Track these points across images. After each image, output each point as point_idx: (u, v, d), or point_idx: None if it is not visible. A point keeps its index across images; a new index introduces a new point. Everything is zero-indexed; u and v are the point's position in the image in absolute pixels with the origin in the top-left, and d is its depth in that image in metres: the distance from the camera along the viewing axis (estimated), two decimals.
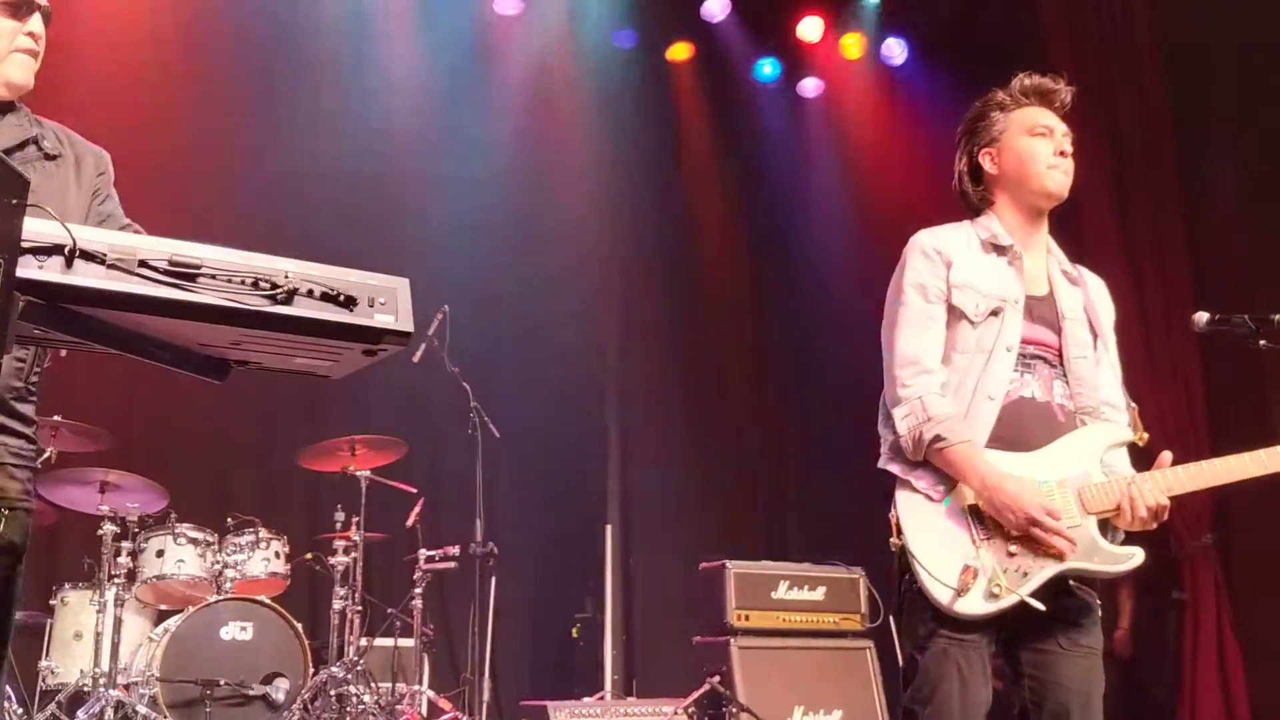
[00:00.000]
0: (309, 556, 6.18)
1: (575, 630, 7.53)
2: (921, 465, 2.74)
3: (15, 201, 1.50)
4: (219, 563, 5.70)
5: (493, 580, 5.99)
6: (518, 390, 7.58)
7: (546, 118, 8.37)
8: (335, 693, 5.57)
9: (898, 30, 8.72)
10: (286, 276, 1.67)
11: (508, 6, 8.26)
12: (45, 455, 4.98)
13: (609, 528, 7.75)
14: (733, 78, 8.85)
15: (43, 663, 5.43)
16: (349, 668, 5.68)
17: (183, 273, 1.62)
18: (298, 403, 7.01)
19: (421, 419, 7.19)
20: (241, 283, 1.64)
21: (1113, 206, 7.16)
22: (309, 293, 1.68)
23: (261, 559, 5.80)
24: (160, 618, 5.78)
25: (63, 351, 2.30)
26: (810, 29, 8.62)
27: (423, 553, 6.17)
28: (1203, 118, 7.19)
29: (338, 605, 5.93)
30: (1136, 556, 2.69)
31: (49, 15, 2.47)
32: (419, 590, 6.15)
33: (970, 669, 2.66)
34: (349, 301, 1.71)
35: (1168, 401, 6.69)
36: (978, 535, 2.68)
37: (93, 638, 5.28)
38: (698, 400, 8.63)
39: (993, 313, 2.80)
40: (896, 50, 8.75)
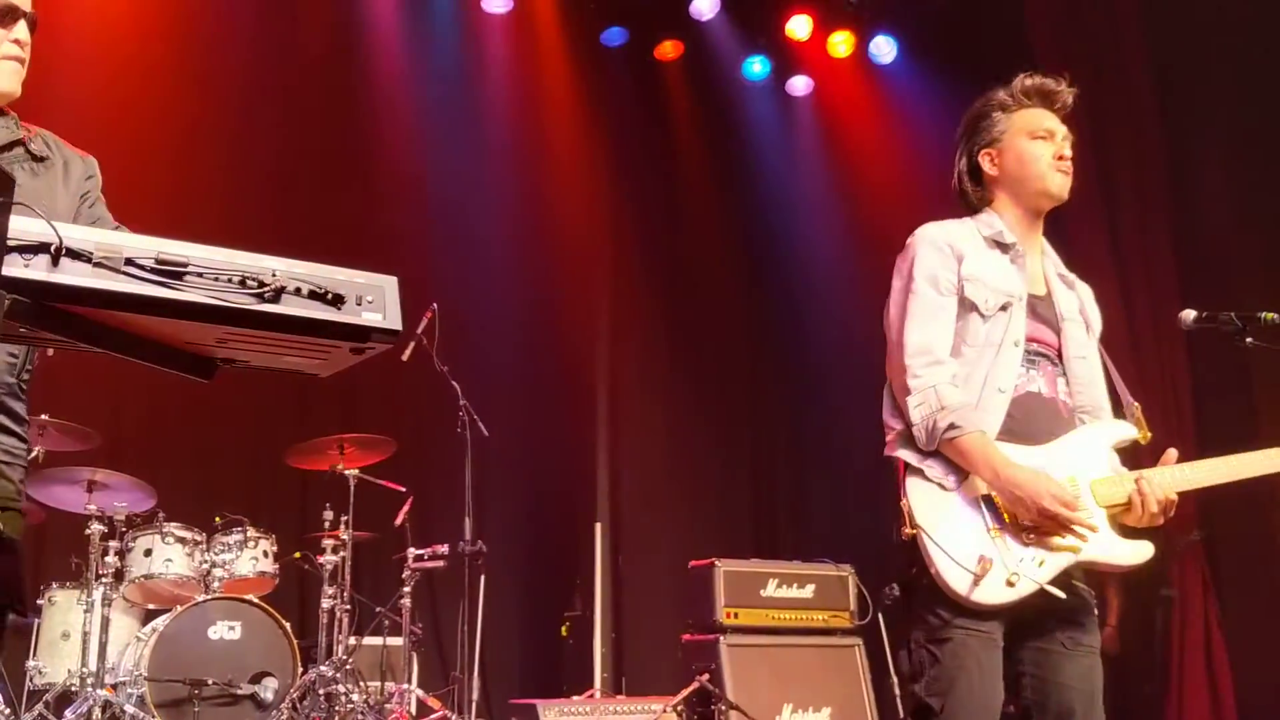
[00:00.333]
0: (297, 555, 6.17)
1: (564, 629, 7.52)
2: (934, 454, 2.73)
3: (1, 200, 1.49)
4: (207, 562, 5.69)
5: (482, 579, 5.97)
6: (507, 389, 7.58)
7: (534, 116, 8.37)
8: (324, 692, 5.56)
9: (887, 28, 8.73)
10: (274, 274, 1.67)
11: (496, 4, 8.24)
12: (33, 454, 4.96)
13: (598, 526, 7.74)
14: (722, 76, 8.85)
15: (30, 662, 5.42)
16: (338, 667, 5.67)
17: (169, 271, 1.61)
18: (286, 401, 7.00)
19: (410, 418, 7.19)
20: (228, 281, 1.64)
21: (1100, 207, 7.16)
22: (296, 291, 1.68)
23: (250, 558, 5.79)
24: (148, 617, 5.77)
25: (50, 350, 2.28)
26: (799, 27, 8.62)
27: (411, 551, 6.17)
28: (1191, 118, 7.21)
29: (326, 604, 5.92)
30: (1147, 549, 2.70)
31: (35, 22, 2.45)
32: (408, 589, 6.15)
33: (989, 660, 2.65)
34: (336, 299, 1.70)
35: (1154, 402, 6.70)
36: (991, 524, 2.67)
37: (80, 637, 5.27)
38: (688, 399, 8.63)
39: (1001, 307, 2.81)
40: (885, 48, 8.76)
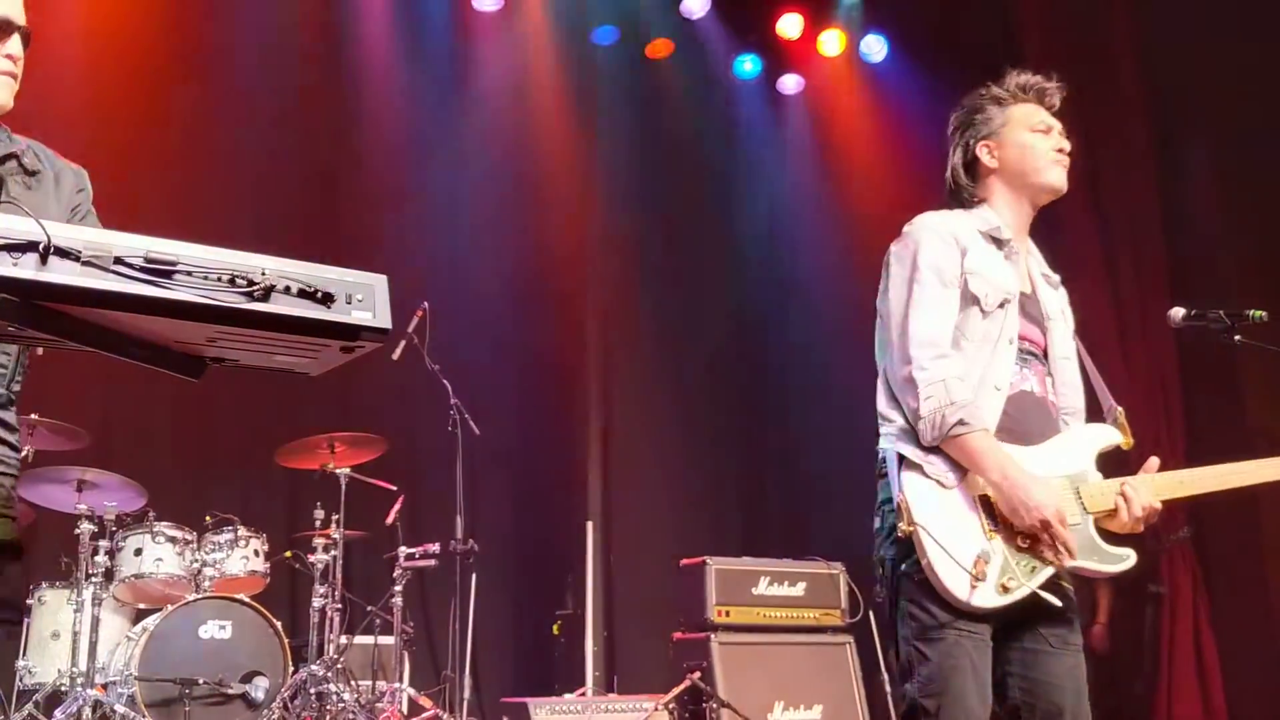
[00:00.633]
0: (288, 554, 6.16)
1: (556, 627, 7.52)
2: (935, 450, 2.68)
3: None
4: (198, 561, 5.67)
5: (473, 577, 5.97)
6: (498, 388, 7.57)
7: (525, 114, 8.36)
8: (315, 691, 5.56)
9: (878, 27, 8.73)
10: (263, 273, 1.67)
11: (486, 3, 8.23)
12: (23, 454, 4.94)
13: (590, 524, 7.73)
14: (713, 74, 8.85)
15: (20, 662, 5.39)
16: (329, 666, 5.67)
17: (158, 269, 1.61)
18: (276, 400, 6.98)
19: (401, 416, 7.18)
20: (218, 279, 1.64)
21: (1089, 207, 7.17)
22: (286, 289, 1.68)
23: (240, 557, 5.77)
24: (138, 616, 5.75)
25: (39, 350, 2.28)
26: (790, 25, 8.63)
27: (403, 550, 6.15)
28: (1179, 116, 7.23)
29: (317, 603, 5.91)
30: (1130, 558, 2.70)
31: (29, 36, 2.44)
32: (399, 588, 6.14)
33: (982, 661, 2.63)
34: (326, 298, 1.70)
35: (1144, 399, 6.72)
36: (988, 525, 2.64)
37: (70, 637, 5.25)
38: (679, 396, 8.63)
39: (1000, 304, 2.78)
40: (876, 47, 8.77)
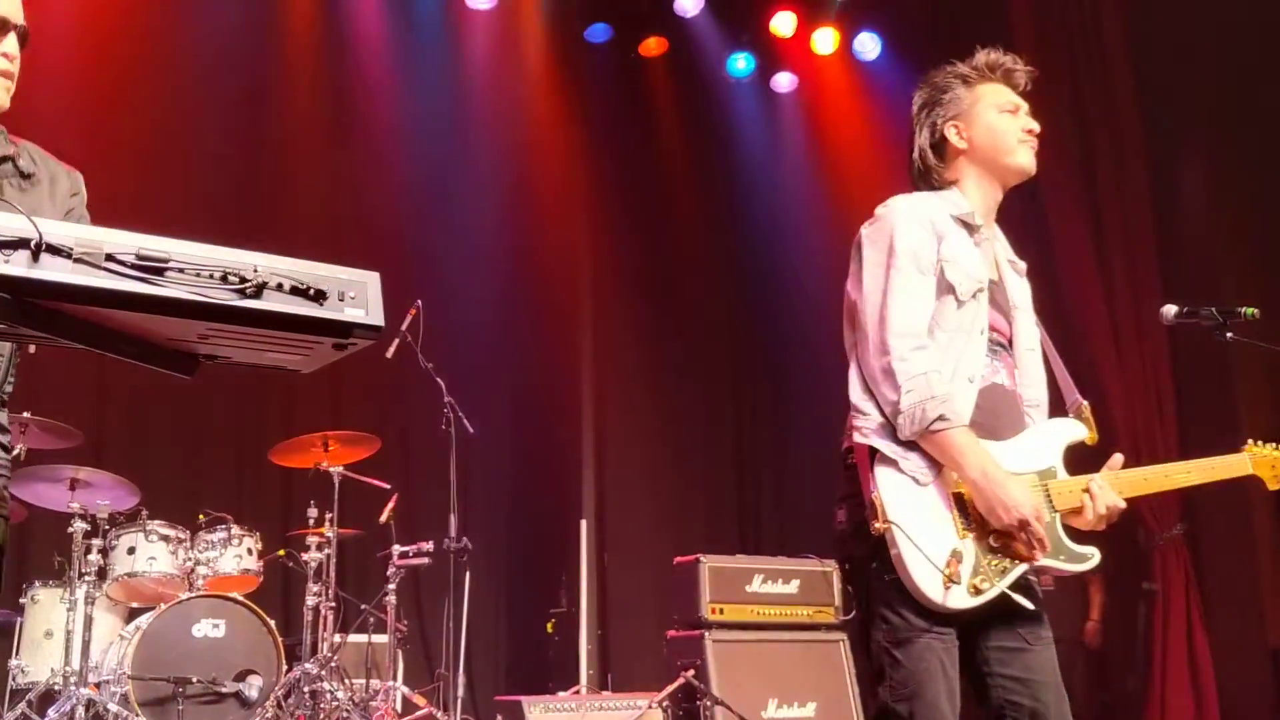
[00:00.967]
0: (282, 553, 6.16)
1: (550, 625, 7.53)
2: (912, 446, 2.58)
3: None
4: (191, 559, 5.67)
5: (467, 576, 5.96)
6: (492, 386, 7.57)
7: (518, 112, 8.36)
8: (309, 689, 5.55)
9: (871, 25, 8.74)
10: (255, 270, 1.66)
11: (479, 1, 8.23)
12: (15, 452, 4.93)
13: (584, 523, 7.74)
14: (706, 72, 8.86)
15: (12, 661, 5.39)
16: (322, 664, 5.66)
17: (150, 266, 1.60)
18: (269, 398, 6.98)
19: (395, 414, 7.18)
20: (210, 276, 1.63)
21: (1082, 202, 7.19)
22: (278, 286, 1.67)
23: (234, 555, 5.76)
24: (131, 615, 5.75)
25: (31, 348, 2.27)
26: (783, 24, 8.63)
27: (396, 548, 6.15)
28: (1172, 112, 7.24)
29: (311, 601, 5.90)
30: (1095, 557, 2.66)
31: (25, 36, 2.43)
32: (393, 586, 6.13)
33: (951, 664, 2.57)
34: (319, 295, 1.69)
35: (1136, 395, 6.73)
36: (961, 524, 2.56)
37: (63, 636, 5.23)
38: (672, 395, 8.64)
39: (974, 294, 2.68)
40: (869, 45, 8.77)
